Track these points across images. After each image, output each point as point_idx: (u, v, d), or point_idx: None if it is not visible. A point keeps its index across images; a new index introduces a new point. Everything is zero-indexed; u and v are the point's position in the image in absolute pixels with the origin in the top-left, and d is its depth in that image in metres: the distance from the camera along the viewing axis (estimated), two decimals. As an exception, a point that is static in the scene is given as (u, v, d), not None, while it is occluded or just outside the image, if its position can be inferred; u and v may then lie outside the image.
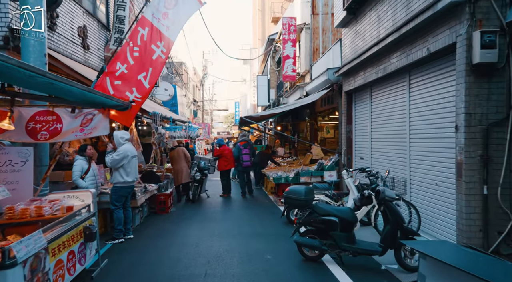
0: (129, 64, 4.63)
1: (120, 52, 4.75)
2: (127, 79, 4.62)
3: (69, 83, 2.56)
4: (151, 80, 4.74)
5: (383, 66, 6.35)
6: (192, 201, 9.51)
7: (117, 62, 4.64)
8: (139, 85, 4.67)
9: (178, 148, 9.28)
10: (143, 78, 4.70)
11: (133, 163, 5.97)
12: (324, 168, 8.92)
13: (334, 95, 9.92)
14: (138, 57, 4.67)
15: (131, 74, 4.64)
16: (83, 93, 2.88)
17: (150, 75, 4.73)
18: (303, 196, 4.79)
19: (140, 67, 4.67)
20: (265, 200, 9.99)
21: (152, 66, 4.73)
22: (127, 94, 4.63)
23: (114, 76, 4.62)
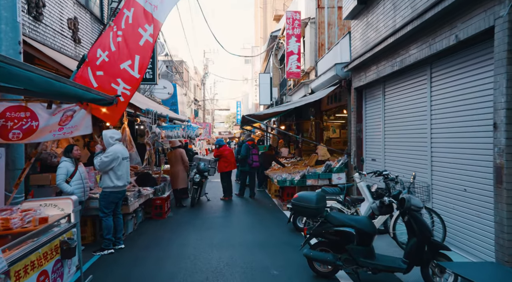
0: (110, 51, 4.05)
1: (102, 37, 4.17)
2: (109, 69, 4.04)
3: (25, 67, 2.00)
4: (140, 68, 4.15)
5: (400, 58, 5.76)
6: (191, 205, 8.94)
7: (98, 49, 4.07)
8: (125, 75, 4.09)
9: (176, 150, 8.69)
10: (129, 68, 4.11)
11: (125, 165, 5.39)
12: (332, 169, 8.33)
13: (342, 92, 9.33)
14: (120, 43, 4.08)
15: (113, 62, 4.05)
16: (48, 82, 2.31)
17: (139, 63, 4.13)
18: (314, 204, 4.21)
19: (123, 54, 4.08)
20: (268, 203, 9.41)
21: (139, 53, 4.14)
22: (113, 87, 4.05)
23: (95, 65, 4.05)
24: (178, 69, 24.77)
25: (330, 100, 10.70)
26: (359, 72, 7.70)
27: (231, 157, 9.98)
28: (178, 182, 8.72)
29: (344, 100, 9.30)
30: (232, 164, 9.96)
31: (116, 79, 4.03)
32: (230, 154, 10.02)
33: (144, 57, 4.13)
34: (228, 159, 9.92)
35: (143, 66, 4.15)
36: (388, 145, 6.85)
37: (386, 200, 4.12)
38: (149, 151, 6.29)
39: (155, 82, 13.38)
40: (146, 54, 4.15)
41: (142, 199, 6.85)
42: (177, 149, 8.71)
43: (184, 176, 8.77)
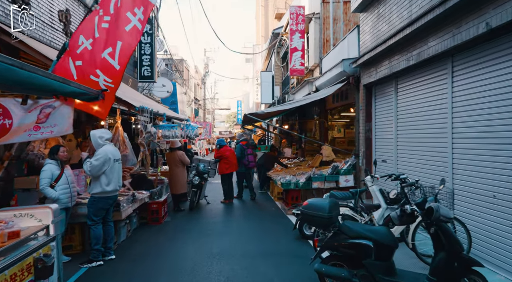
0: (94, 39, 3.58)
1: (85, 22, 3.69)
2: (89, 58, 3.56)
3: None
4: (121, 58, 3.66)
5: (417, 51, 5.28)
6: (190, 208, 8.46)
7: (80, 36, 3.59)
8: (105, 65, 3.60)
9: (175, 152, 8.19)
10: (109, 56, 3.62)
11: (116, 168, 4.92)
12: (340, 171, 7.85)
13: (350, 90, 8.84)
14: (106, 29, 3.60)
15: (95, 51, 3.57)
16: (10, 70, 1.84)
17: (120, 52, 3.65)
18: (326, 213, 3.72)
19: (106, 41, 3.60)
20: (271, 207, 8.93)
21: (123, 40, 3.65)
22: (93, 79, 3.57)
23: (76, 54, 3.57)
24: (178, 67, 24.29)
25: (336, 99, 10.22)
26: (369, 68, 7.22)
27: (232, 158, 9.49)
28: (177, 187, 8.23)
29: (351, 98, 8.82)
30: (234, 166, 9.48)
31: (95, 70, 3.55)
32: (232, 155, 9.53)
33: (128, 45, 3.65)
34: (229, 160, 9.44)
35: (125, 56, 3.66)
36: (401, 146, 6.37)
37: (408, 209, 3.64)
38: (143, 152, 5.81)
39: (153, 80, 12.94)
40: (131, 42, 3.67)
41: (136, 203, 6.37)
42: (176, 150, 8.21)
43: (183, 180, 8.28)
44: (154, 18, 13.16)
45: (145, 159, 5.94)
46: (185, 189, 8.43)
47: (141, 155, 5.82)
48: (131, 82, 11.43)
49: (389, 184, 6.45)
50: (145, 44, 12.71)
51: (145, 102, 8.15)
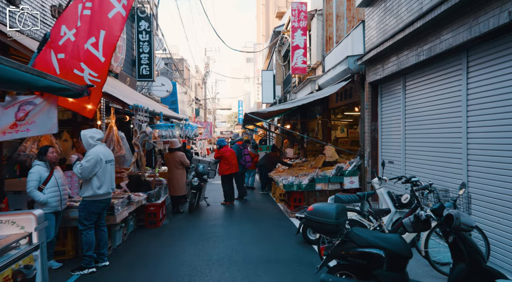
0: (77, 29, 3.29)
1: (68, 11, 3.40)
2: (72, 51, 3.27)
3: None
4: (105, 49, 3.36)
5: (428, 46, 4.98)
6: (189, 210, 8.18)
7: (62, 26, 3.30)
8: (89, 57, 3.31)
9: (175, 152, 7.89)
10: (92, 47, 3.33)
11: (108, 170, 4.63)
12: (344, 173, 7.56)
13: (354, 88, 8.55)
14: (88, 17, 3.31)
15: (78, 42, 3.28)
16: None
17: (104, 42, 3.35)
18: (333, 219, 3.43)
19: (89, 30, 3.31)
20: (273, 209, 8.65)
21: (106, 28, 3.35)
22: (77, 73, 3.29)
23: (58, 46, 3.28)
24: (178, 67, 24.03)
25: (339, 97, 9.93)
26: (375, 64, 6.92)
27: (232, 159, 9.21)
28: (176, 189, 7.94)
29: (356, 96, 8.52)
30: (234, 166, 9.20)
31: (79, 64, 3.26)
32: (232, 155, 9.24)
33: (112, 34, 3.34)
34: (229, 161, 9.16)
35: (110, 46, 3.36)
36: (409, 146, 6.08)
37: (422, 215, 3.34)
38: (138, 153, 5.52)
39: (152, 79, 12.67)
40: (115, 30, 3.36)
41: (132, 206, 6.09)
42: (176, 151, 7.91)
43: (183, 182, 7.98)
44: (152, 16, 12.90)
45: (140, 160, 5.65)
46: (185, 191, 8.14)
47: (136, 155, 5.54)
48: (129, 81, 11.17)
49: (397, 187, 6.16)
50: (143, 43, 12.45)
51: (142, 101, 7.87)
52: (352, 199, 5.48)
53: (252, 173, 12.12)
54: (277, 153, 11.96)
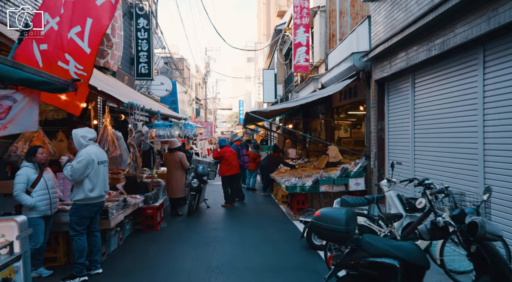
0: (61, 17, 3.00)
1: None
2: (55, 41, 2.99)
3: None
4: (92, 39, 3.08)
5: (440, 40, 4.70)
6: (188, 213, 7.90)
7: (45, 14, 3.02)
8: (73, 48, 3.03)
9: (175, 153, 7.61)
10: (77, 37, 3.04)
11: (101, 171, 4.36)
12: (349, 174, 7.27)
13: (359, 86, 8.27)
14: (73, 3, 3.02)
15: (61, 31, 3.00)
16: None
17: (90, 31, 3.06)
18: (343, 226, 3.14)
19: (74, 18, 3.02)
20: (275, 211, 8.37)
21: (93, 16, 3.06)
22: (61, 66, 3.01)
23: (40, 37, 3.00)
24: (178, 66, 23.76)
25: (343, 96, 9.64)
26: (382, 61, 6.64)
27: (233, 160, 8.93)
28: (174, 191, 7.66)
29: (361, 95, 8.24)
30: (235, 167, 8.92)
31: (63, 55, 2.98)
32: (233, 156, 8.97)
33: (99, 23, 3.06)
34: (230, 162, 8.89)
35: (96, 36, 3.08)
36: (419, 146, 5.79)
37: (440, 221, 3.06)
38: (133, 153, 5.25)
39: (151, 78, 12.41)
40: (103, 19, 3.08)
41: (129, 209, 5.82)
42: (176, 151, 7.63)
43: (182, 184, 7.69)
44: (151, 13, 12.63)
45: (135, 161, 5.38)
46: (184, 193, 7.86)
47: (131, 156, 5.26)
48: (127, 80, 10.90)
49: (406, 189, 5.88)
50: (142, 40, 12.19)
51: (141, 100, 7.58)
52: (360, 202, 5.20)
53: (253, 174, 11.85)
54: (280, 153, 11.69)
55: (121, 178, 7.50)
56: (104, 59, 8.25)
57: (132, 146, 5.15)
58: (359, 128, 13.07)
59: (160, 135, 5.93)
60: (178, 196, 7.70)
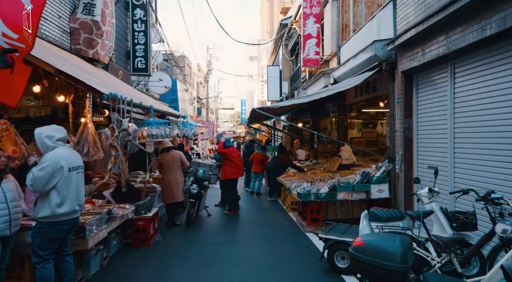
0: None
1: None
2: None
3: None
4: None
5: (499, 16, 3.76)
6: (187, 222, 6.98)
7: None
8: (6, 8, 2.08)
9: (172, 151, 6.71)
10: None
11: (73, 180, 3.44)
12: (371, 179, 6.33)
13: (380, 79, 7.33)
14: None
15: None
16: None
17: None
18: (399, 263, 2.24)
19: None
20: (284, 220, 7.45)
21: None
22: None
23: None
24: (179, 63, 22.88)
25: (359, 92, 8.70)
26: (411, 49, 5.70)
27: (239, 161, 8.04)
28: (175, 194, 6.74)
29: (382, 89, 7.30)
30: (240, 171, 8.03)
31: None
32: (239, 158, 8.09)
33: None
34: (236, 164, 7.99)
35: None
36: (460, 148, 4.85)
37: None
38: (116, 157, 4.32)
39: (148, 73, 11.52)
40: None
41: (115, 222, 4.92)
42: (173, 150, 6.71)
43: (182, 186, 6.81)
44: (149, 4, 11.73)
45: (119, 167, 4.45)
46: (183, 197, 6.94)
47: (112, 160, 4.34)
48: (122, 75, 10.00)
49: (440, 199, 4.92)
50: (139, 33, 11.29)
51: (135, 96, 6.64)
52: (393, 216, 4.27)
53: (259, 177, 10.94)
54: (288, 155, 10.76)
55: (112, 183, 6.62)
56: (93, 50, 7.35)
57: (114, 148, 4.22)
58: (371, 127, 12.12)
59: (153, 135, 5.03)
60: (179, 199, 6.78)
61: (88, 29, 7.22)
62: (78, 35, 7.18)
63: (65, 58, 5.80)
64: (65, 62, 4.93)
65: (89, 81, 3.78)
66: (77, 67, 5.65)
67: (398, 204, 6.15)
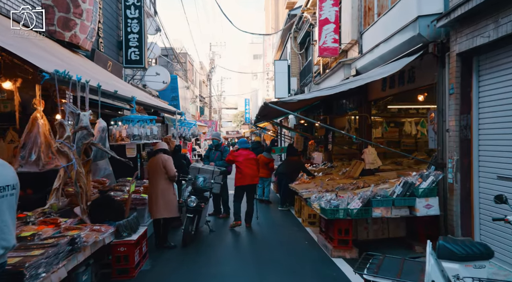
0: None
1: None
2: None
3: None
4: None
5: None
6: (184, 243, 5.68)
7: None
8: None
9: (157, 155, 5.38)
10: None
11: None
12: (416, 191, 4.99)
13: (420, 66, 5.98)
14: None
15: None
16: None
17: None
18: None
19: None
20: (303, 239, 6.13)
21: None
22: None
23: None
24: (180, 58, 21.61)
25: (390, 83, 7.34)
26: (475, 22, 4.37)
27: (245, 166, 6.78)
28: (155, 210, 5.42)
29: (423, 79, 5.96)
30: (248, 177, 6.76)
31: None
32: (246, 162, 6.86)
33: None
34: (241, 169, 6.75)
35: None
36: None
37: None
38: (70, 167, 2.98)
39: (143, 66, 10.25)
40: None
41: (82, 253, 3.63)
42: (159, 153, 5.39)
43: (170, 198, 5.46)
44: (144, -13, 10.44)
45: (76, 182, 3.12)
46: (176, 212, 5.61)
47: (61, 175, 2.99)
48: (112, 66, 8.73)
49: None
50: (132, 20, 10.02)
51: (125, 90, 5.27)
52: (475, 253, 2.94)
53: (266, 182, 9.64)
54: (300, 156, 9.44)
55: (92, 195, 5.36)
56: (71, 32, 6.07)
57: (63, 156, 2.89)
58: (392, 126, 10.80)
59: (134, 135, 3.73)
60: (163, 215, 5.43)
61: (64, 7, 5.94)
62: (52, 14, 5.90)
63: (34, 42, 4.53)
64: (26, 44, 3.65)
65: (29, 55, 2.49)
66: (42, 50, 4.37)
67: (452, 225, 4.81)
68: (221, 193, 7.24)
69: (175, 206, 5.52)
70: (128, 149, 4.08)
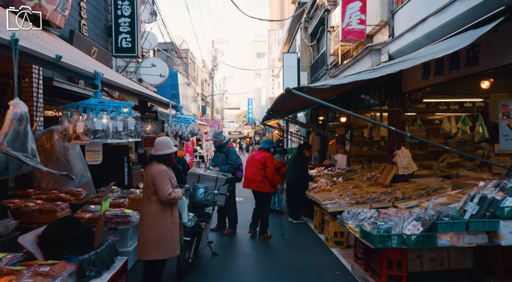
0: None
1: None
2: None
3: None
4: None
5: None
6: (179, 274, 4.28)
7: None
8: None
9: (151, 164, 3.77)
10: None
11: None
12: (501, 211, 3.57)
13: (486, 43, 4.57)
14: None
15: None
16: None
17: None
18: None
19: None
20: (329, 266, 4.73)
21: None
22: None
23: None
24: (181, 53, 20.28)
25: (434, 70, 5.90)
26: None
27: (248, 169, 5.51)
28: (149, 246, 3.64)
29: (495, 58, 4.54)
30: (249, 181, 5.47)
31: None
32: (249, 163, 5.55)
33: None
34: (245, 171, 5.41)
35: None
36: None
37: None
38: None
39: (135, 54, 8.93)
40: None
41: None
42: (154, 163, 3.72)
43: (162, 231, 3.68)
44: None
45: None
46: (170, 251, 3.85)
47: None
48: (97, 53, 7.40)
49: None
50: (123, 1, 8.68)
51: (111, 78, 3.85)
52: None
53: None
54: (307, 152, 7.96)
55: (60, 210, 4.11)
56: (33, 1, 4.72)
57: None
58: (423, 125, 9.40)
59: (96, 131, 2.37)
60: (151, 257, 3.68)
61: (24, -33, 4.58)
62: (8, -24, 4.55)
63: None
64: None
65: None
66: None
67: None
68: (227, 204, 5.87)
69: (172, 241, 3.69)
70: (88, 152, 2.70)
